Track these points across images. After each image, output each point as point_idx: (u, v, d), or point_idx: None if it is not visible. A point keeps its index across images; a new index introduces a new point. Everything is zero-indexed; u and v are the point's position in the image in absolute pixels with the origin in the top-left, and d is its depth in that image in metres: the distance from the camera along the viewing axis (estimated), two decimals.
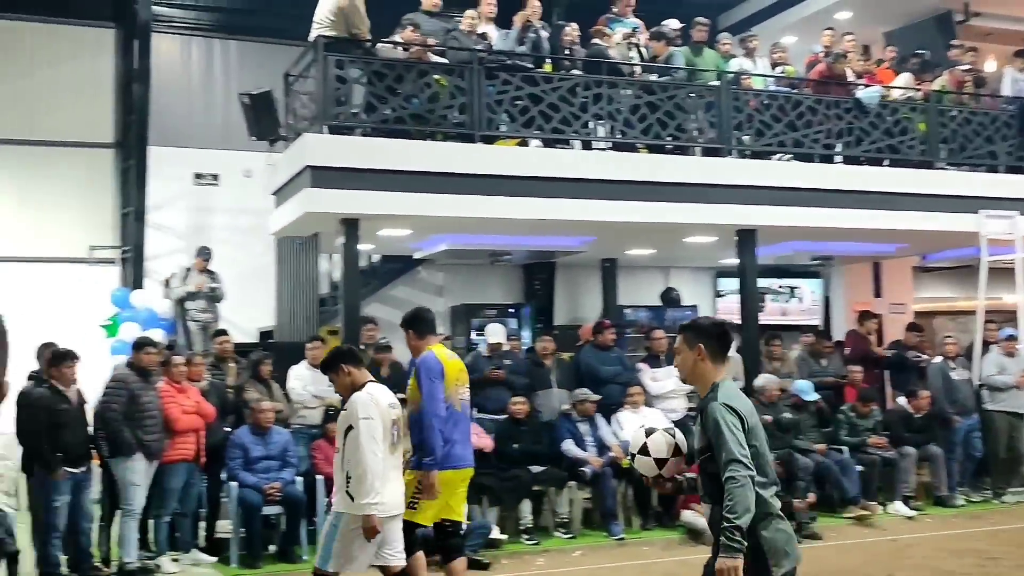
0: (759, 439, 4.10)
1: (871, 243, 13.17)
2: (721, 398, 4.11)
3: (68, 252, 14.61)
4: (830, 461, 10.59)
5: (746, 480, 3.91)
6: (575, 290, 15.19)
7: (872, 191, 11.76)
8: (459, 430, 6.51)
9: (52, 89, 14.76)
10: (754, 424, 4.10)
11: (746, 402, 4.17)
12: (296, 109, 10.76)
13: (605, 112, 10.89)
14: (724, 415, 4.02)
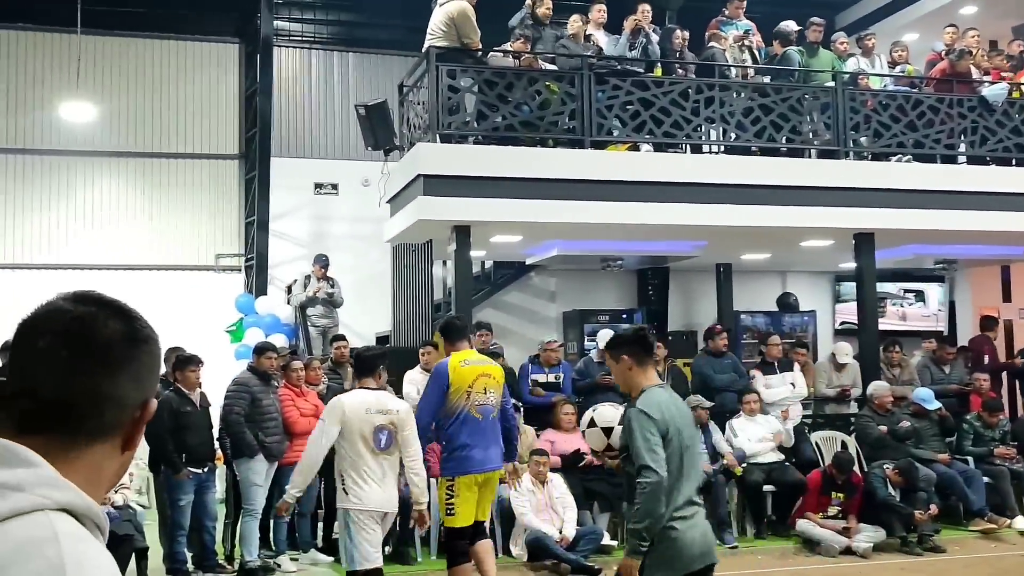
0: (681, 446, 4.25)
1: (998, 245, 12.70)
2: (640, 404, 4.28)
3: (196, 260, 15.22)
4: (954, 472, 10.25)
5: (653, 487, 4.08)
6: (689, 295, 15.05)
7: (998, 192, 11.36)
8: (477, 435, 6.70)
9: (181, 103, 15.40)
10: (675, 431, 4.24)
11: (671, 409, 4.30)
12: (410, 119, 10.98)
13: (717, 115, 10.79)
14: (639, 420, 4.19)
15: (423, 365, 10.04)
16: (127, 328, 1.37)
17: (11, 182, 14.71)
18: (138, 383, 1.35)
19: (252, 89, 15.27)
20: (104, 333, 1.34)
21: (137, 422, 1.37)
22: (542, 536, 8.67)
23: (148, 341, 1.39)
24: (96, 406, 1.31)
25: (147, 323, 1.41)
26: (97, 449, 1.33)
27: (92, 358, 1.32)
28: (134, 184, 15.21)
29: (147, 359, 1.37)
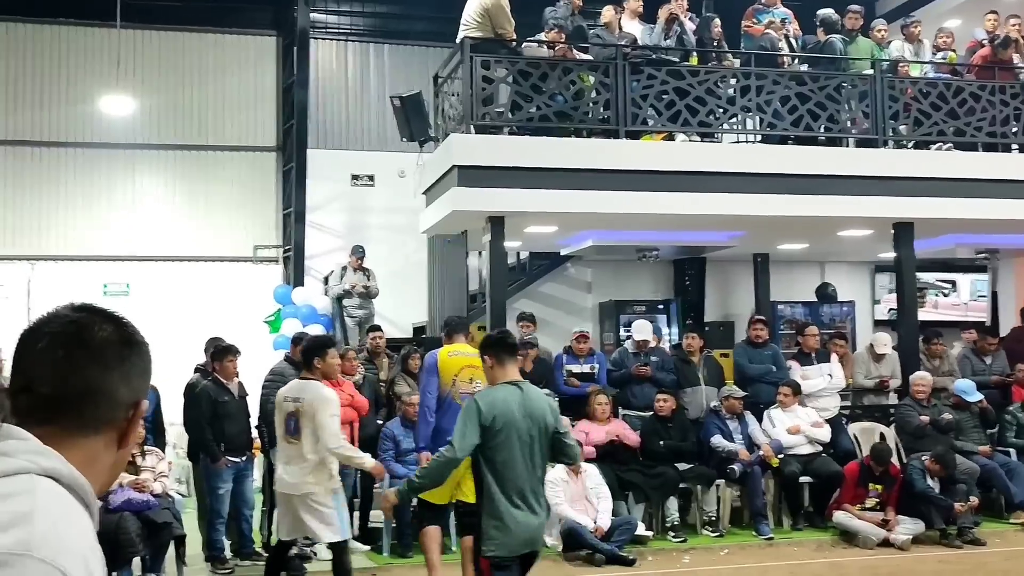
0: (507, 440, 4.75)
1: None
2: (478, 395, 4.98)
3: (234, 252, 15.36)
4: (995, 464, 10.13)
5: (447, 458, 4.82)
6: (726, 285, 14.96)
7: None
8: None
9: (218, 96, 15.54)
10: (506, 424, 4.75)
11: (507, 406, 4.79)
12: (444, 110, 11.00)
13: (754, 104, 10.71)
14: (467, 407, 4.86)
15: None
16: (119, 333, 1.51)
17: (53, 175, 14.92)
18: (129, 383, 1.49)
19: (289, 81, 15.36)
20: (98, 336, 1.47)
21: (130, 421, 1.49)
22: (577, 526, 8.69)
23: (139, 345, 1.53)
24: (89, 401, 1.44)
25: (138, 330, 1.55)
26: (91, 442, 1.45)
27: (86, 358, 1.45)
28: (173, 176, 15.37)
29: (138, 361, 1.51)
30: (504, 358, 4.99)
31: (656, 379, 10.32)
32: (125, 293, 14.83)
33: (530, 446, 4.81)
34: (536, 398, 4.97)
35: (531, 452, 4.82)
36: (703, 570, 8.42)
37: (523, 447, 4.80)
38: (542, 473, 5.03)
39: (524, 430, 4.79)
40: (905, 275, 11.41)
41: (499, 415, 4.76)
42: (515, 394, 4.87)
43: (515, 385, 4.92)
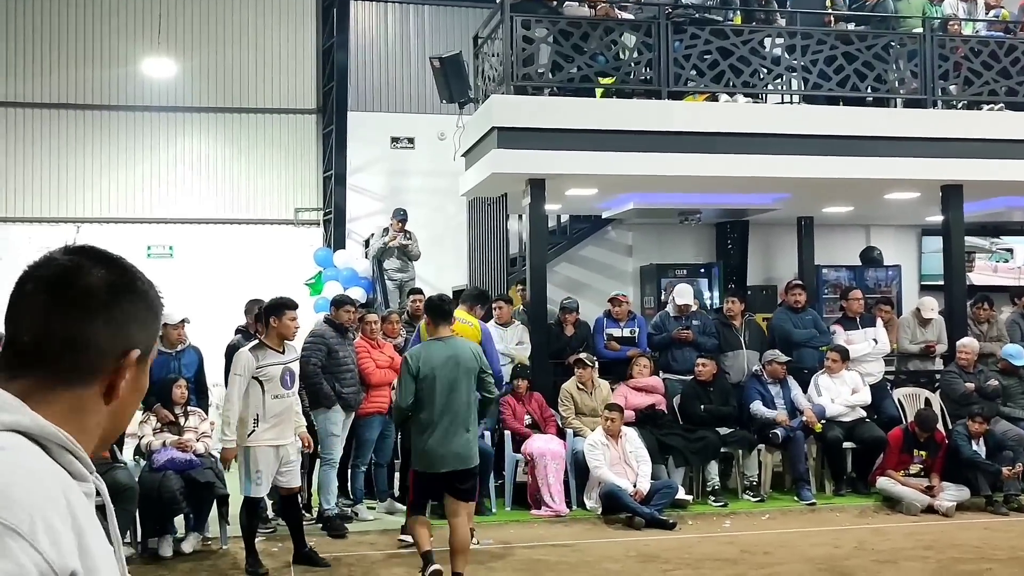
0: (432, 384, 6.21)
1: None
2: (408, 351, 6.81)
3: (275, 214, 15.41)
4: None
5: (397, 406, 6.64)
6: (769, 249, 14.78)
7: None
8: None
9: (259, 58, 15.53)
10: (428, 372, 6.21)
11: (430, 358, 6.27)
12: (484, 71, 10.90)
13: (799, 64, 10.51)
14: (403, 362, 6.50)
15: (496, 319, 10.07)
16: (110, 276, 1.39)
17: (95, 138, 15.03)
18: (117, 330, 1.37)
19: (329, 43, 15.31)
20: (85, 281, 1.37)
21: (119, 371, 1.38)
22: (616, 490, 8.67)
23: (133, 290, 1.41)
24: (69, 350, 1.35)
25: (137, 274, 1.44)
26: (76, 394, 1.35)
27: (68, 303, 1.35)
28: (214, 139, 15.42)
29: (130, 307, 1.40)
30: (438, 320, 6.46)
31: (697, 343, 10.24)
32: (169, 256, 14.97)
33: (451, 384, 6.21)
34: (460, 347, 6.40)
35: (452, 389, 6.22)
36: (744, 535, 8.37)
37: (443, 387, 6.20)
38: (466, 406, 6.30)
39: (445, 374, 6.21)
40: (953, 239, 11.19)
41: (423, 366, 6.23)
42: (439, 349, 6.31)
43: (441, 340, 6.38)
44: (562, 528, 8.59)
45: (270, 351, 7.08)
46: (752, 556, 7.61)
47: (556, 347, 10.29)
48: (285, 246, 15.06)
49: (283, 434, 7.14)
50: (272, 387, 7.02)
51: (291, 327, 7.14)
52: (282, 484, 7.26)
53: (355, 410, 8.75)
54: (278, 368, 7.05)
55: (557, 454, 9.07)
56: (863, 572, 7.10)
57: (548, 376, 9.99)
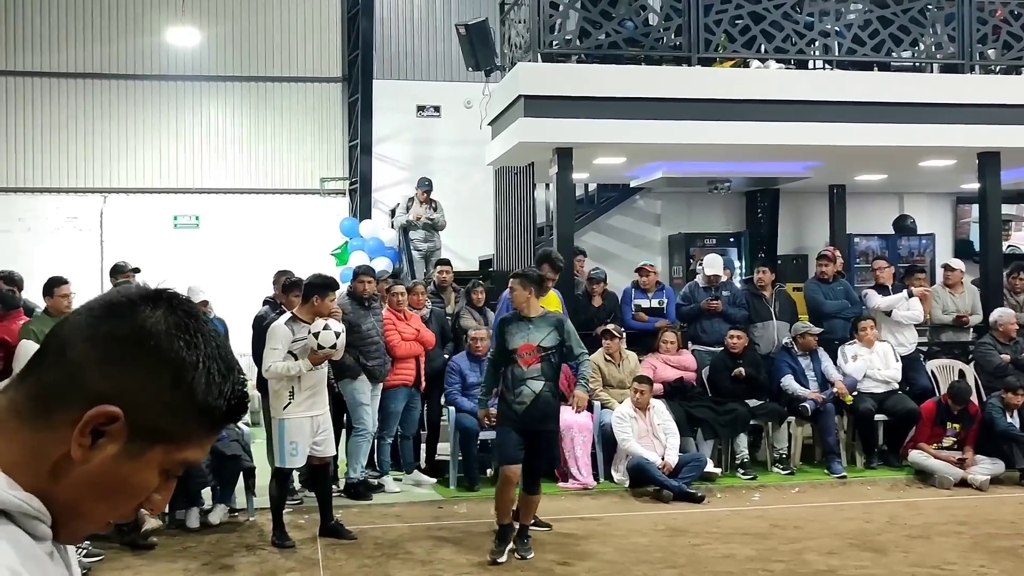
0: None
1: None
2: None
3: (301, 184, 15.35)
4: None
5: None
6: (800, 218, 14.59)
7: None
8: None
9: (283, 26, 15.40)
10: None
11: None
12: (511, 38, 10.75)
13: (833, 29, 10.28)
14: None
15: None
16: (146, 321, 1.15)
17: (121, 108, 14.99)
18: (106, 371, 1.12)
19: (354, 11, 15.17)
20: (120, 307, 1.16)
21: (83, 427, 1.10)
22: (644, 462, 8.60)
23: (157, 343, 1.13)
24: (50, 363, 1.15)
25: (188, 337, 1.15)
26: (38, 432, 1.12)
27: (85, 320, 1.16)
28: (240, 108, 15.35)
29: (140, 355, 1.12)
30: (539, 291, 6.90)
31: (727, 314, 10.10)
32: (195, 226, 14.97)
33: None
34: None
35: None
36: (773, 508, 8.28)
37: None
38: None
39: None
40: (990, 207, 10.97)
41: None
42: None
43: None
44: (589, 501, 8.54)
45: (303, 324, 7.10)
46: (782, 530, 7.52)
47: (583, 318, 10.18)
48: (311, 216, 15.02)
49: (317, 404, 7.19)
50: (307, 358, 7.03)
51: (330, 307, 7.27)
52: (317, 453, 7.25)
53: (381, 382, 8.71)
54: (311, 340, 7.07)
55: (584, 426, 9.00)
56: (895, 547, 7.00)
57: None
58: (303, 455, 7.16)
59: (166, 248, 14.25)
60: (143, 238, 14.23)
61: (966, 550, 6.90)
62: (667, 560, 6.68)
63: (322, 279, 7.31)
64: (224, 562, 6.79)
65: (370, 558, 6.82)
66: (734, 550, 6.88)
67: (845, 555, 6.81)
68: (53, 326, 1.18)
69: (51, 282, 8.14)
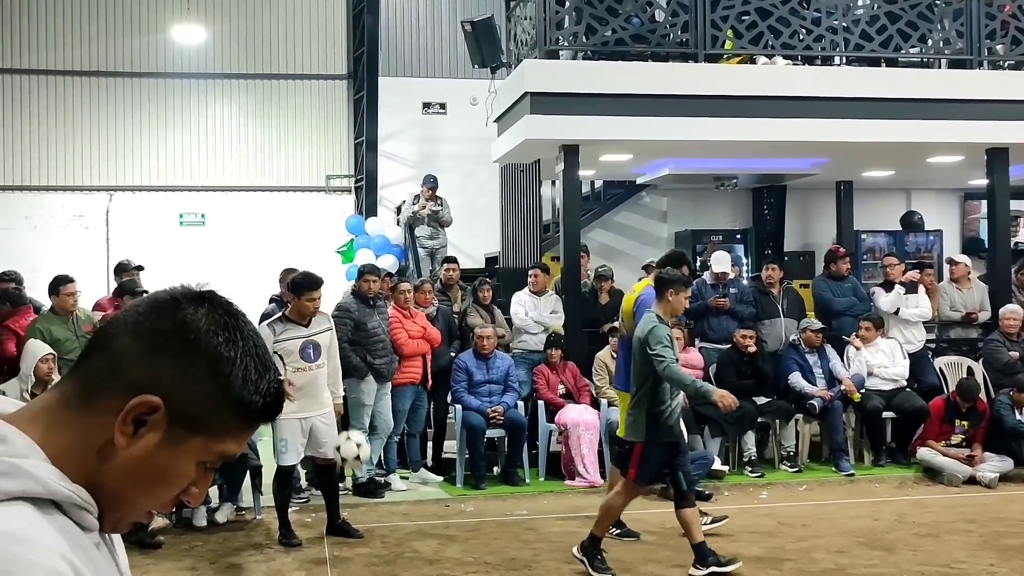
0: None
1: None
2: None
3: (307, 181, 15.35)
4: None
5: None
6: (807, 214, 14.55)
7: None
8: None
9: (289, 24, 15.40)
10: None
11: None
12: (517, 35, 10.71)
13: (840, 25, 10.23)
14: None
15: (531, 287, 9.96)
16: (189, 316, 1.21)
17: (127, 105, 15.00)
18: (150, 364, 1.17)
19: (359, 8, 15.14)
20: (166, 305, 1.22)
21: (125, 416, 1.15)
22: None
23: (201, 339, 1.19)
24: (96, 355, 1.20)
25: (229, 334, 1.21)
26: (84, 419, 1.17)
27: (136, 317, 1.21)
28: (245, 106, 15.34)
29: (183, 350, 1.18)
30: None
31: (734, 311, 10.06)
32: (201, 223, 14.98)
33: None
34: None
35: None
36: (781, 506, 8.26)
37: None
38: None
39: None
40: (999, 203, 10.91)
41: None
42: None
43: None
44: (596, 499, 8.46)
45: (291, 324, 7.01)
46: (790, 528, 7.50)
47: (590, 316, 10.16)
48: (317, 213, 15.01)
49: (308, 406, 7.05)
50: (292, 360, 6.92)
51: (309, 307, 7.04)
52: (319, 454, 7.22)
53: (388, 380, 8.69)
54: (297, 342, 6.95)
55: (591, 424, 8.98)
56: (904, 546, 6.97)
57: (582, 345, 9.87)
58: (294, 453, 7.09)
59: (172, 246, 14.25)
60: (149, 236, 14.23)
61: (975, 548, 6.87)
62: (675, 559, 6.65)
63: (301, 277, 7.19)
64: (231, 561, 6.78)
65: (377, 556, 6.81)
66: (742, 548, 6.86)
67: (854, 553, 6.79)
68: (101, 323, 1.22)
69: (56, 281, 8.15)
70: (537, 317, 9.84)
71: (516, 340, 9.91)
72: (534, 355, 9.77)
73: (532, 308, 9.88)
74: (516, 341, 9.90)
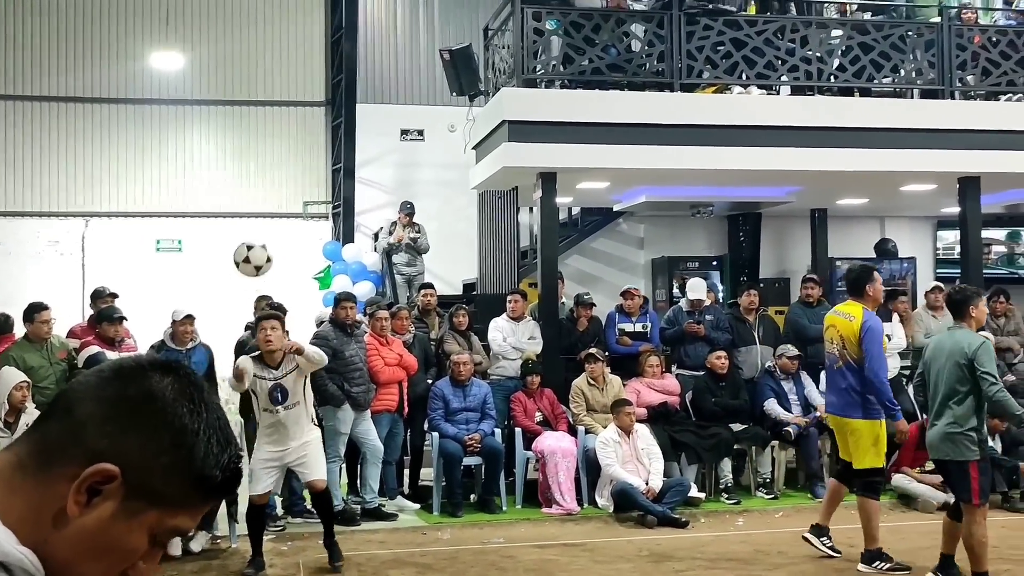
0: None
1: None
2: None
3: (284, 207, 15.33)
4: None
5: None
6: (782, 242, 14.66)
7: None
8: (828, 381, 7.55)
9: (267, 50, 15.44)
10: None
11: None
12: (495, 63, 10.79)
13: (814, 55, 10.37)
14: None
15: (510, 312, 9.98)
16: (145, 384, 1.19)
17: (104, 132, 14.96)
18: (103, 428, 1.15)
19: (338, 35, 15.20)
20: (128, 371, 1.21)
21: (79, 485, 1.13)
22: (628, 487, 8.58)
23: (158, 407, 1.17)
24: (56, 416, 1.19)
25: (185, 406, 1.18)
26: (39, 484, 1.16)
27: (97, 374, 1.21)
28: (223, 132, 15.34)
29: (135, 418, 1.16)
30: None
31: (710, 338, 10.12)
32: (178, 250, 14.92)
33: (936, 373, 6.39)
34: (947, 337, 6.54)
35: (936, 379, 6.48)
36: (758, 533, 8.27)
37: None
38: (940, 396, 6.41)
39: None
40: (970, 231, 11.05)
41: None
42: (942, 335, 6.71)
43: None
44: (573, 527, 8.51)
45: (262, 365, 6.90)
46: (766, 556, 7.51)
47: (568, 342, 10.18)
48: (294, 240, 14.96)
49: (280, 443, 6.98)
50: (263, 400, 6.92)
51: (261, 340, 6.89)
52: (306, 480, 7.26)
53: (366, 408, 8.66)
54: (267, 383, 6.87)
55: (568, 451, 8.98)
56: None
57: (560, 372, 9.90)
58: (259, 482, 7.03)
59: (148, 272, 14.18)
60: (125, 262, 14.16)
61: None
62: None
63: (257, 312, 7.23)
64: None
65: None
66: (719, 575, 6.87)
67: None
68: (64, 385, 1.21)
69: (31, 308, 8.11)
70: (515, 343, 9.85)
71: (494, 367, 9.91)
72: (511, 382, 9.77)
73: (510, 334, 9.89)
74: (494, 368, 9.91)
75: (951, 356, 6.23)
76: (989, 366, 6.14)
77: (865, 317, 6.95)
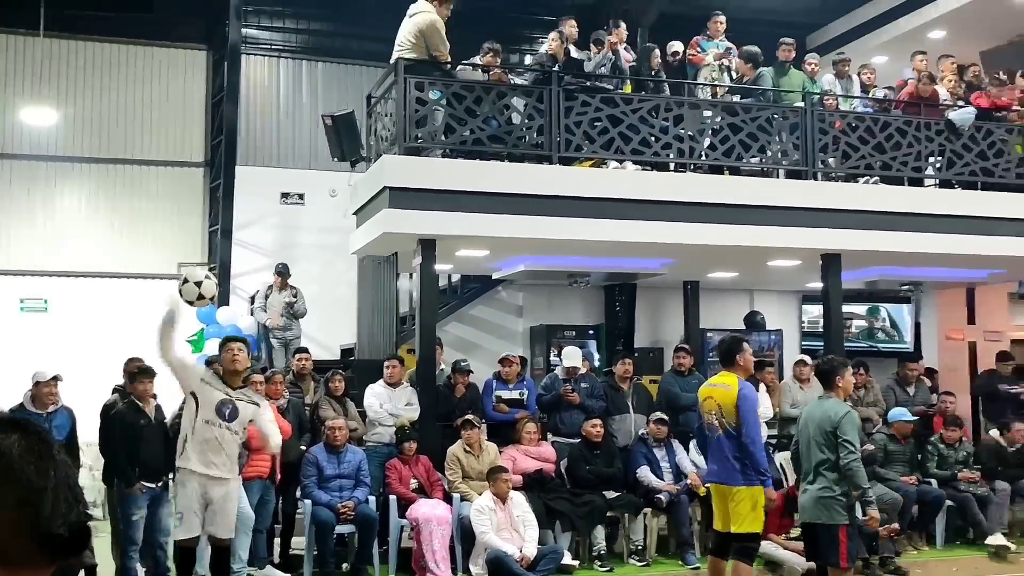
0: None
1: (963, 268, 12.75)
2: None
3: (158, 268, 14.97)
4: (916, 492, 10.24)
5: None
6: (657, 312, 15.02)
7: (965, 215, 11.39)
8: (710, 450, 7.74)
9: (146, 110, 15.20)
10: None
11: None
12: (377, 130, 10.87)
13: (687, 134, 10.77)
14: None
15: (387, 378, 9.94)
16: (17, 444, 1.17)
17: None
18: None
19: (219, 96, 15.08)
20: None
21: None
22: (502, 555, 8.56)
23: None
24: None
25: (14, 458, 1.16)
26: None
27: None
28: (97, 190, 14.97)
29: None
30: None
31: (585, 406, 10.26)
32: (43, 309, 14.41)
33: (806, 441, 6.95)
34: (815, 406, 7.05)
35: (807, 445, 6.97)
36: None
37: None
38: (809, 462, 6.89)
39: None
40: (832, 306, 11.53)
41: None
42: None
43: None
44: None
45: (219, 379, 6.97)
46: None
47: (445, 409, 10.18)
48: None
49: (210, 465, 6.85)
50: (206, 410, 6.82)
51: (227, 359, 7.04)
52: (210, 532, 6.98)
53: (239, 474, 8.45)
54: (219, 394, 6.87)
55: (443, 519, 8.93)
56: None
57: (436, 438, 9.87)
58: (187, 526, 6.84)
59: (11, 332, 13.65)
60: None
61: None
62: None
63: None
64: None
65: None
66: None
67: None
68: None
69: None
70: (392, 409, 9.80)
71: (369, 433, 9.83)
72: (387, 448, 9.70)
73: (387, 400, 9.85)
74: (369, 434, 9.83)
75: (820, 424, 6.69)
76: (851, 435, 6.48)
77: (741, 385, 7.26)
